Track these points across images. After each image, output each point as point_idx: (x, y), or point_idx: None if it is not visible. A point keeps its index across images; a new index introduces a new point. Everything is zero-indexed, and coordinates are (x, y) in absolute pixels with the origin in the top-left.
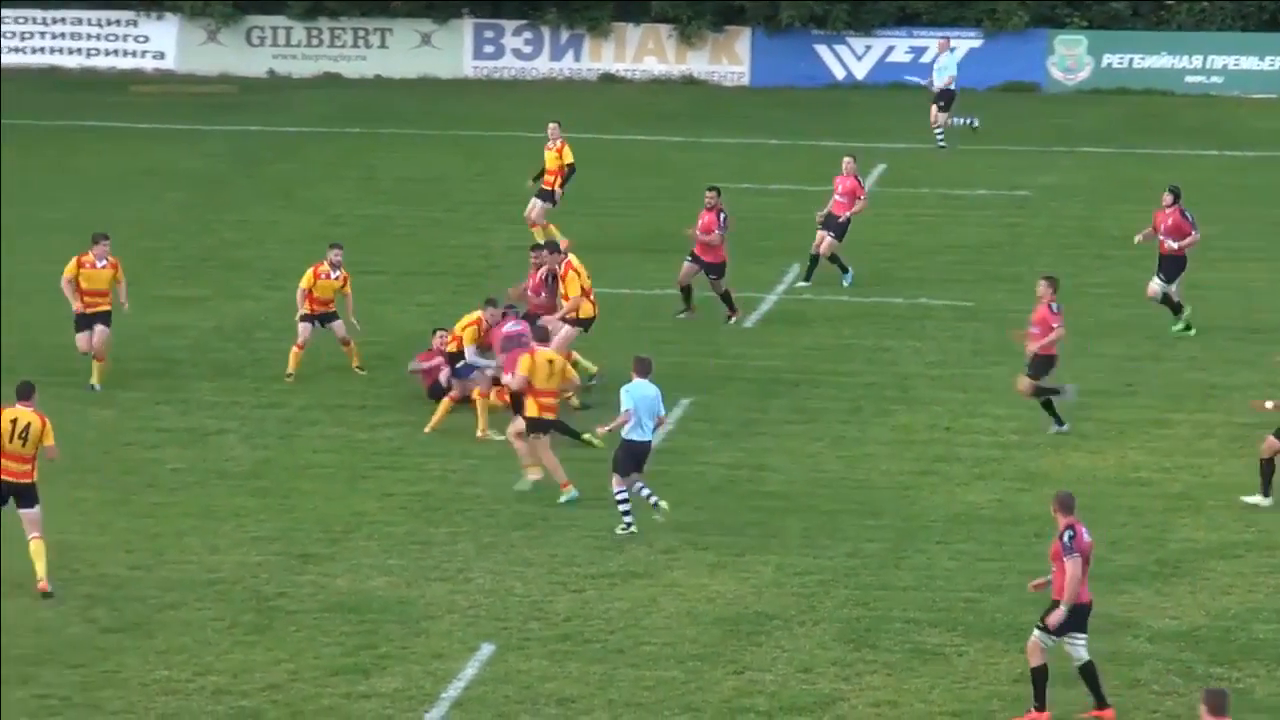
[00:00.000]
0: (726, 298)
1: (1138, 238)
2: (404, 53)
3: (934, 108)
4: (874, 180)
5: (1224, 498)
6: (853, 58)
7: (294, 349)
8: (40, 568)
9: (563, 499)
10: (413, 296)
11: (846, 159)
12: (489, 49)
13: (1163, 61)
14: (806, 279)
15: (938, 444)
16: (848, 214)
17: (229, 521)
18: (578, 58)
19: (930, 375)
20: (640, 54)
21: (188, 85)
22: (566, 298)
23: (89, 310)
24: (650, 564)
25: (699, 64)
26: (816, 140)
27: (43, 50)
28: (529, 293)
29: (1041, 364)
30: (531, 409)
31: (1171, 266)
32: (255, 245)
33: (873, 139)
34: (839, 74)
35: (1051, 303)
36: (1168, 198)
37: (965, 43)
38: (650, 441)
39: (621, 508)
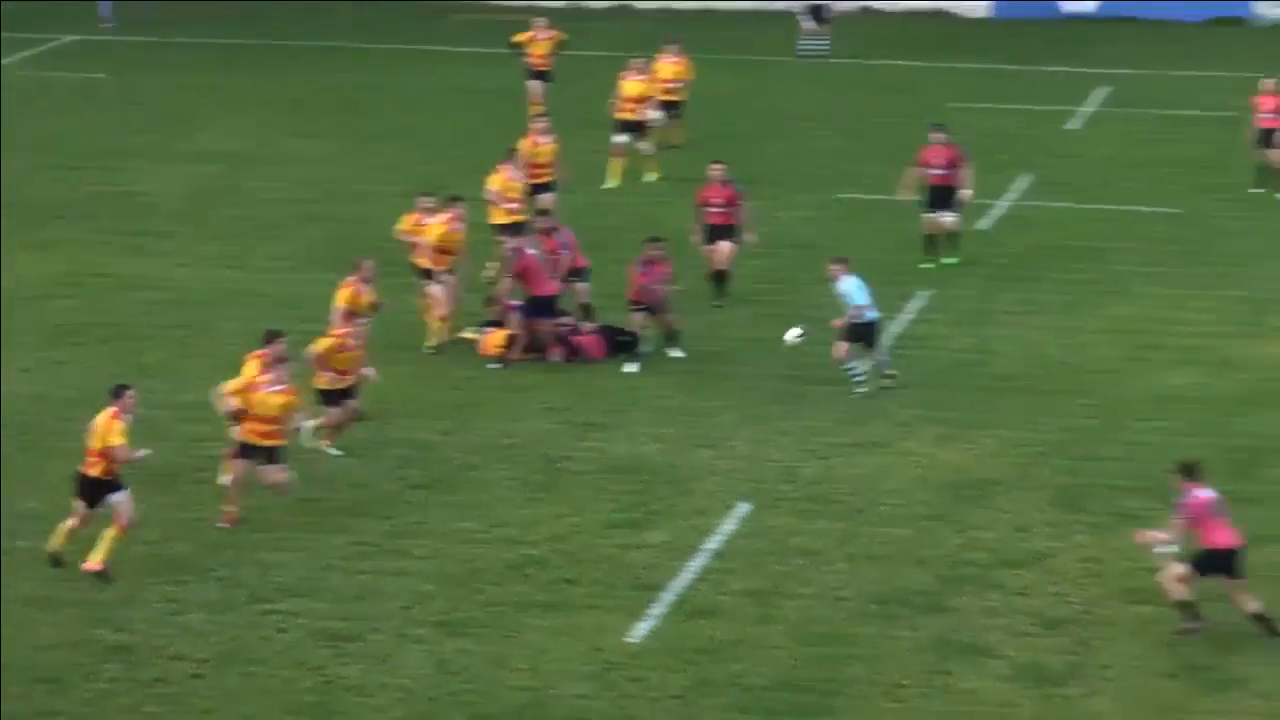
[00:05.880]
0: None
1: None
2: None
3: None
4: (1101, 100)
5: None
6: None
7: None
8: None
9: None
10: None
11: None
12: None
13: None
14: None
15: (1145, 333)
16: None
17: (526, 394)
18: None
19: (1142, 273)
20: None
21: None
22: None
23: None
24: (888, 435)
25: None
26: (1045, 66)
27: None
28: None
29: None
30: None
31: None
32: None
33: (1099, 65)
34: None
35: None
36: (939, 135)
37: None
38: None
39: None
